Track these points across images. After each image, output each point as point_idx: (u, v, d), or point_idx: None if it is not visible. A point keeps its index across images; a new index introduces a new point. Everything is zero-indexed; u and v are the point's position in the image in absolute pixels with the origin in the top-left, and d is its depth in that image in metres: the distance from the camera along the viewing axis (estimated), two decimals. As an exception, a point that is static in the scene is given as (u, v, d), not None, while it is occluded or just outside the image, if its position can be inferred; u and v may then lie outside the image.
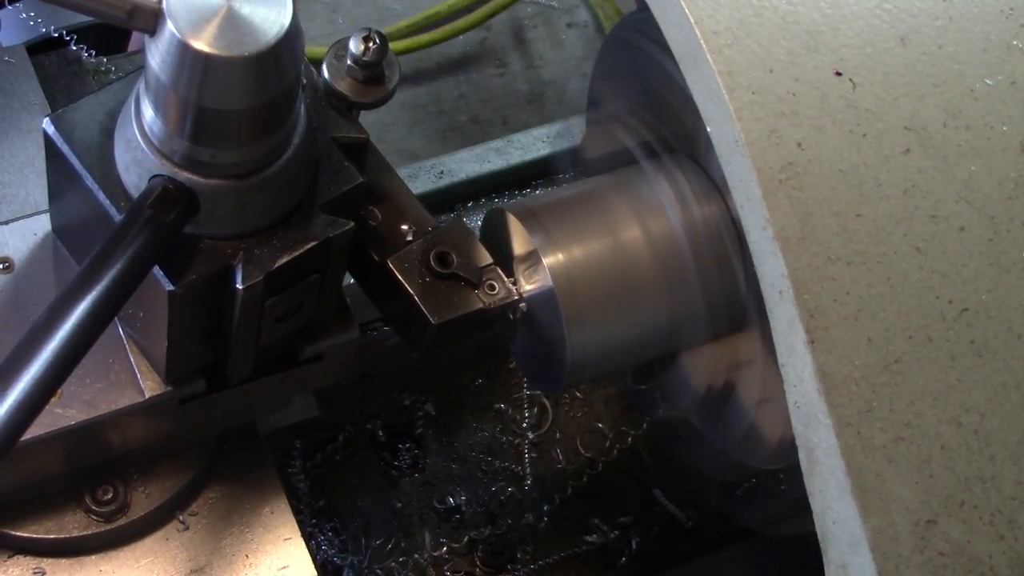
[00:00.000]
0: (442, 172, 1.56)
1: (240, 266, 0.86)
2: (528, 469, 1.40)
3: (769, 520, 1.25)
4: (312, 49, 2.27)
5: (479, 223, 1.42)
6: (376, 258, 0.96)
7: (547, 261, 1.03)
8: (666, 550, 1.38)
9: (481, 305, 0.97)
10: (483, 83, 1.75)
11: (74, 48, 1.40)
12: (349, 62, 0.91)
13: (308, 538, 1.34)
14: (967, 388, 0.83)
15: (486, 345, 1.33)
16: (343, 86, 0.92)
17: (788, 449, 0.89)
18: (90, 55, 1.42)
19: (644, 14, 1.00)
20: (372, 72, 0.91)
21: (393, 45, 1.90)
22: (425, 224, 0.98)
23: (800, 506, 0.87)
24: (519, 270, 1.07)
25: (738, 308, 1.05)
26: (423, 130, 1.70)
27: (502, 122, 1.71)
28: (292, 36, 0.78)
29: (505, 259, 1.09)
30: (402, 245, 0.97)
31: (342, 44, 0.91)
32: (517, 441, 1.42)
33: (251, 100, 0.79)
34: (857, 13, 0.90)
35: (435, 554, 1.35)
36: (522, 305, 1.09)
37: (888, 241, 0.84)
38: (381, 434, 1.41)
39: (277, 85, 0.80)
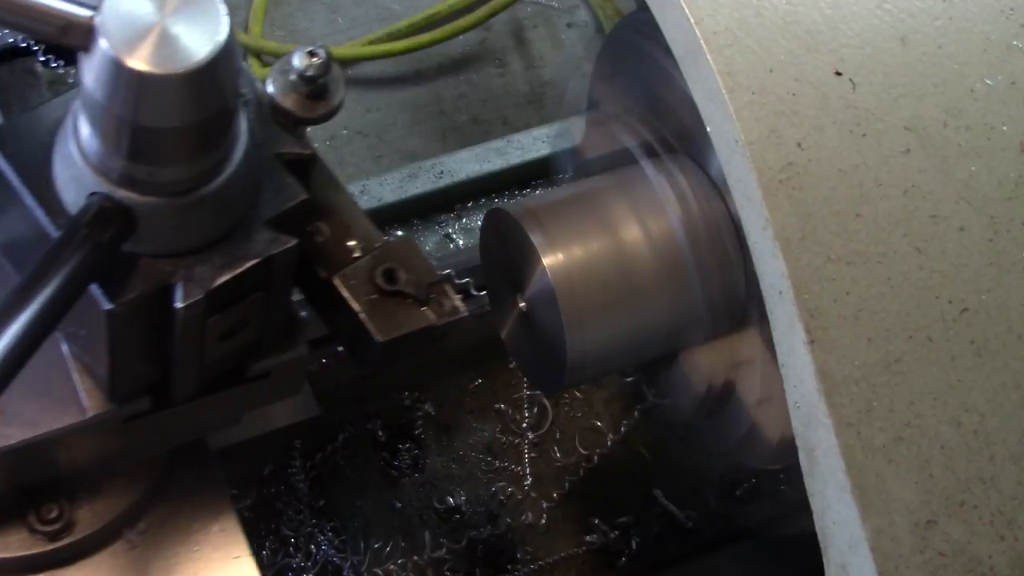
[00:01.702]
0: (442, 172, 1.56)
1: (180, 285, 0.85)
2: (528, 469, 1.40)
3: (769, 520, 1.26)
4: (312, 49, 2.27)
5: (479, 223, 1.42)
6: (322, 275, 0.95)
7: (547, 261, 1.03)
8: (666, 550, 1.38)
9: (428, 322, 0.95)
10: (483, 83, 1.75)
11: (42, 60, 1.38)
12: (293, 77, 0.90)
13: (308, 538, 1.34)
14: (967, 388, 0.83)
15: (486, 345, 1.33)
16: (288, 102, 0.91)
17: (788, 449, 0.89)
18: (57, 66, 1.40)
19: (644, 14, 1.00)
20: (316, 87, 0.91)
21: (393, 45, 1.90)
22: (373, 240, 0.97)
23: (800, 506, 0.87)
24: (518, 270, 1.07)
25: (738, 308, 1.05)
26: (423, 130, 1.70)
27: (502, 122, 1.71)
28: (228, 53, 0.77)
29: (504, 259, 1.09)
30: (349, 262, 0.96)
31: (286, 59, 0.90)
32: (517, 441, 1.42)
33: (188, 117, 0.78)
34: (857, 13, 0.90)
35: (435, 554, 1.35)
36: (522, 305, 1.09)
37: (888, 241, 0.84)
38: (381, 434, 1.41)
39: (214, 102, 0.79)
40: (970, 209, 0.86)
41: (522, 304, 1.09)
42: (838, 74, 0.87)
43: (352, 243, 0.96)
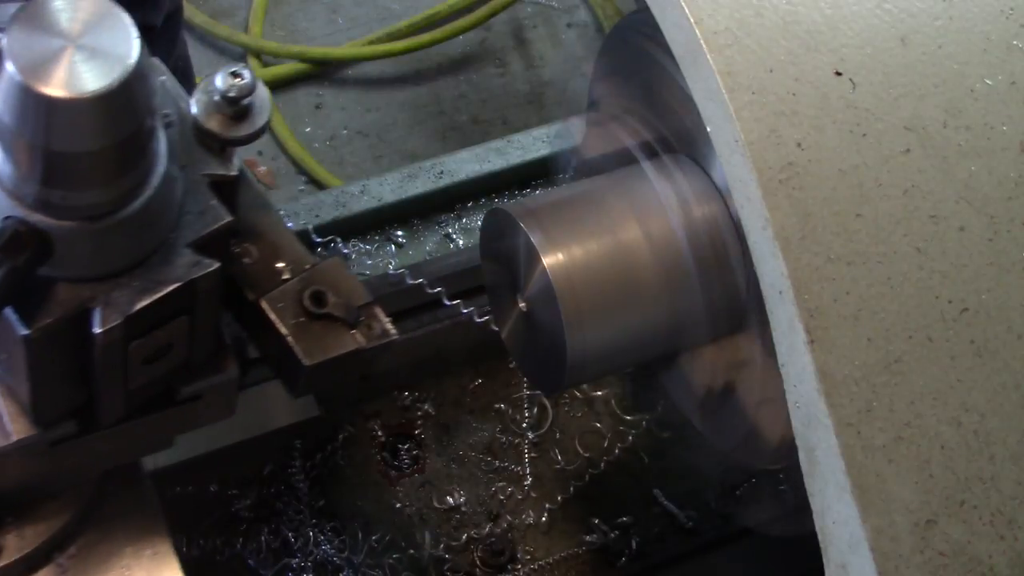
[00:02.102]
0: (442, 172, 1.56)
1: (98, 310, 0.83)
2: (528, 469, 1.40)
3: (769, 520, 1.26)
4: (313, 49, 2.28)
5: (479, 223, 1.42)
6: (250, 297, 0.94)
7: (547, 261, 1.03)
8: (666, 550, 1.38)
9: (357, 346, 0.94)
10: (483, 83, 1.75)
11: None
12: (217, 98, 0.89)
13: (308, 538, 1.34)
14: (967, 388, 0.83)
15: (486, 345, 1.34)
16: (212, 123, 0.89)
17: (788, 449, 0.89)
18: None
19: (644, 14, 1.00)
20: (240, 108, 0.89)
21: (393, 45, 1.90)
22: (302, 263, 0.96)
23: (800, 507, 0.87)
24: (518, 270, 1.07)
25: (738, 309, 1.05)
26: (423, 130, 1.71)
27: (502, 122, 1.72)
28: (139, 74, 0.76)
29: (504, 259, 1.09)
30: (277, 284, 0.94)
31: (210, 80, 0.89)
32: (517, 441, 1.42)
33: (99, 142, 0.77)
34: (857, 13, 0.90)
35: (435, 553, 1.35)
36: (522, 305, 1.09)
37: (888, 241, 0.84)
38: (381, 434, 1.41)
39: (127, 125, 0.78)
40: (970, 209, 0.86)
41: (522, 304, 1.09)
42: (838, 74, 0.87)
43: (281, 265, 0.95)
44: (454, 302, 1.26)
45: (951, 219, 0.86)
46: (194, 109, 0.89)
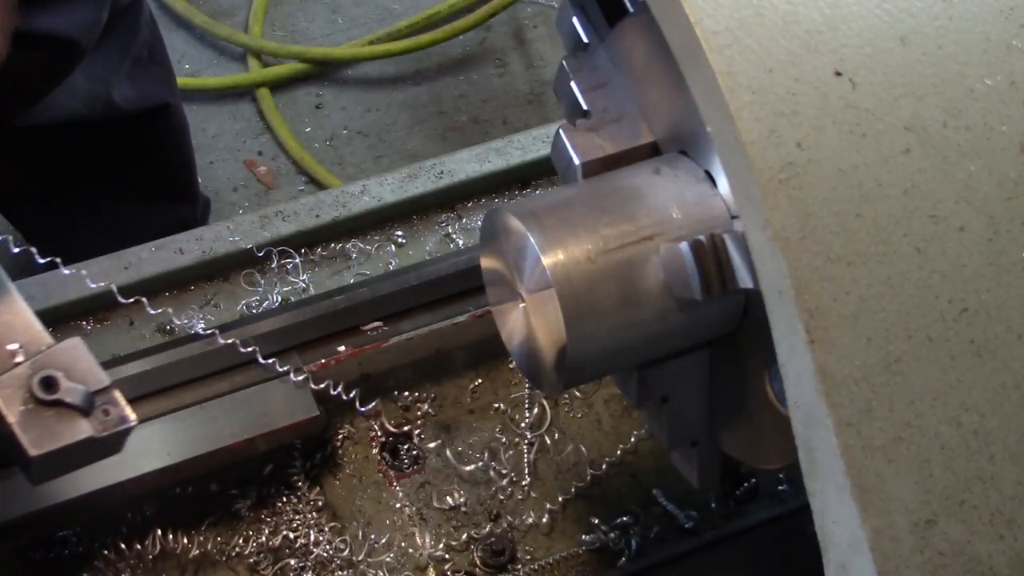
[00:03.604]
0: (442, 172, 1.56)
1: None
2: (528, 469, 1.40)
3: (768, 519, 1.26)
4: (313, 49, 2.28)
5: (479, 223, 1.42)
6: None
7: (547, 261, 1.03)
8: (666, 550, 1.38)
9: (89, 434, 0.91)
10: (483, 83, 1.75)
11: None
12: None
13: (308, 538, 1.34)
14: (967, 388, 0.83)
15: (486, 345, 1.34)
16: None
17: (788, 450, 0.89)
18: None
19: (643, 14, 1.00)
20: None
21: (393, 45, 1.90)
22: (37, 344, 0.92)
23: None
24: (519, 270, 1.07)
25: (737, 309, 1.05)
26: (423, 130, 1.71)
27: (502, 122, 1.72)
28: None
29: (504, 259, 1.09)
30: (8, 368, 0.91)
31: None
32: (517, 441, 1.43)
33: None
34: (857, 13, 0.90)
35: (435, 554, 1.35)
36: (522, 305, 1.09)
37: (888, 241, 0.84)
38: (381, 434, 1.41)
39: None
40: (970, 209, 0.86)
41: (522, 304, 1.09)
42: (838, 74, 0.87)
43: (14, 347, 0.92)
44: (269, 360, 1.25)
45: (951, 219, 0.86)
46: None
